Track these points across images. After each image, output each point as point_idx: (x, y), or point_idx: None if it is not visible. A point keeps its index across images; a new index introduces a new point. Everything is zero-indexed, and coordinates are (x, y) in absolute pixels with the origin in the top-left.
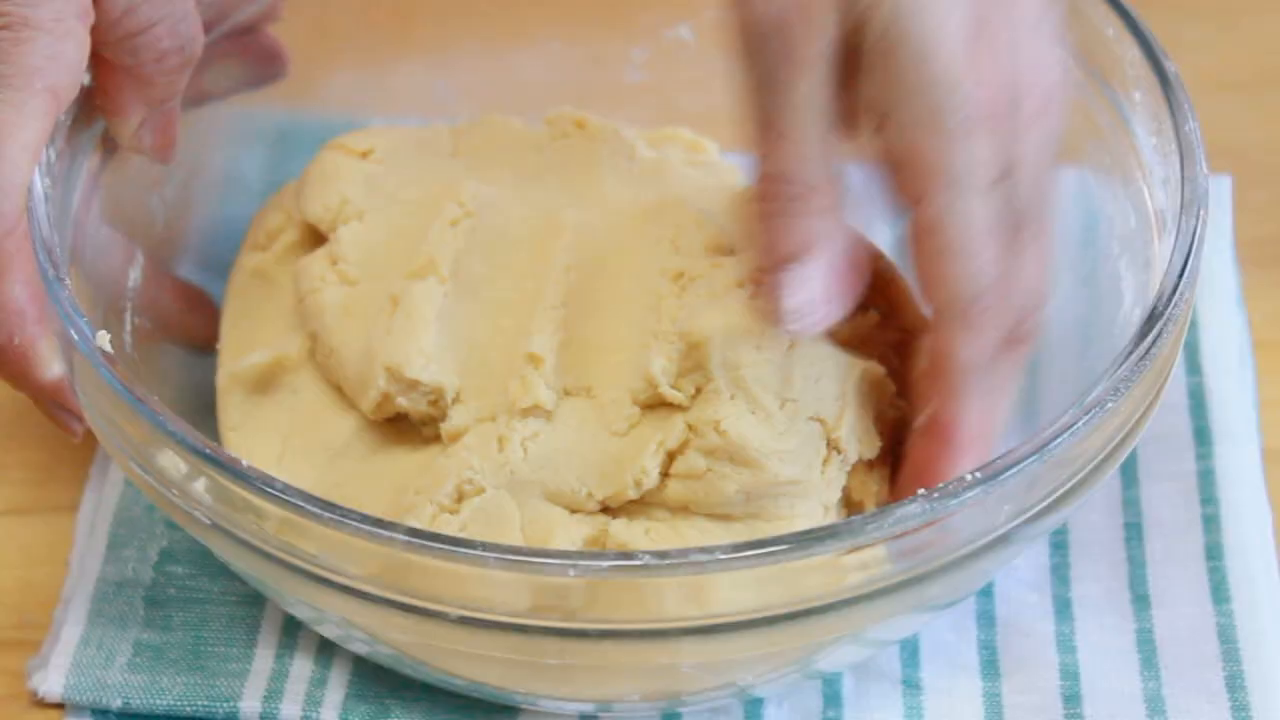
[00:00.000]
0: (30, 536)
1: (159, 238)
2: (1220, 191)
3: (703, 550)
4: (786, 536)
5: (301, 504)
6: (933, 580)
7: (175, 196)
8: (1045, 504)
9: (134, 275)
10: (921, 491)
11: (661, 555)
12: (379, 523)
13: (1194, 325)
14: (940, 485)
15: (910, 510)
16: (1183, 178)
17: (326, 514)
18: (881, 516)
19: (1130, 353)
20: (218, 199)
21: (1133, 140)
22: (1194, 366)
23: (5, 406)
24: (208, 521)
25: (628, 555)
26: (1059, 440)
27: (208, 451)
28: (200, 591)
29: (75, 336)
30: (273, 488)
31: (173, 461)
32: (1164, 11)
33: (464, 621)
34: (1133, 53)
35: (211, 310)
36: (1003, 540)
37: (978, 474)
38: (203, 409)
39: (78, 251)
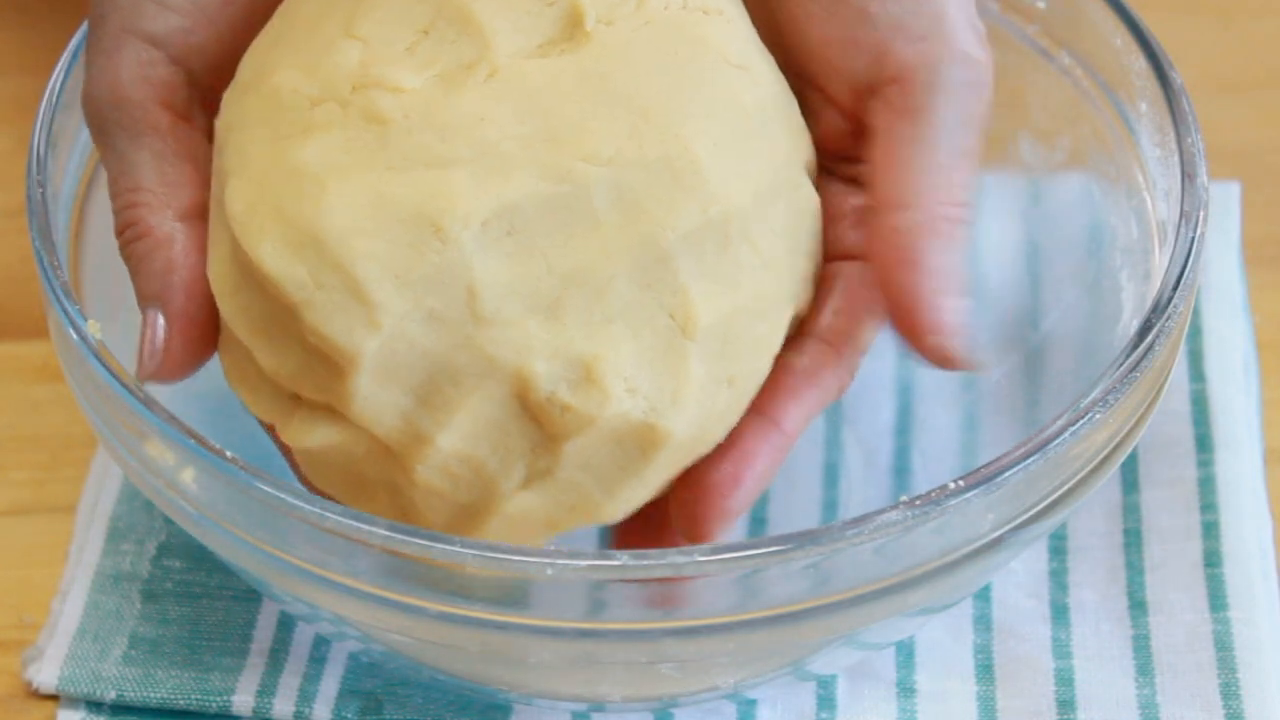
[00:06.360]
0: (30, 536)
1: None
2: (1228, 198)
3: (681, 552)
4: (768, 539)
5: (284, 496)
6: (922, 585)
7: None
8: (1034, 512)
9: None
10: (904, 498)
11: (639, 556)
12: (359, 516)
13: (1199, 332)
14: (926, 492)
15: (893, 516)
16: (1183, 189)
17: (308, 507)
18: (863, 522)
19: (1120, 364)
20: None
21: (1137, 151)
22: (1197, 373)
23: (5, 407)
24: (195, 513)
25: (606, 555)
26: (1040, 454)
27: (193, 443)
28: (197, 586)
29: (66, 324)
30: (256, 480)
31: (160, 452)
32: (1166, 12)
33: (442, 617)
34: (1140, 63)
35: None
36: (993, 546)
37: (964, 481)
38: (202, 409)
39: (78, 238)
